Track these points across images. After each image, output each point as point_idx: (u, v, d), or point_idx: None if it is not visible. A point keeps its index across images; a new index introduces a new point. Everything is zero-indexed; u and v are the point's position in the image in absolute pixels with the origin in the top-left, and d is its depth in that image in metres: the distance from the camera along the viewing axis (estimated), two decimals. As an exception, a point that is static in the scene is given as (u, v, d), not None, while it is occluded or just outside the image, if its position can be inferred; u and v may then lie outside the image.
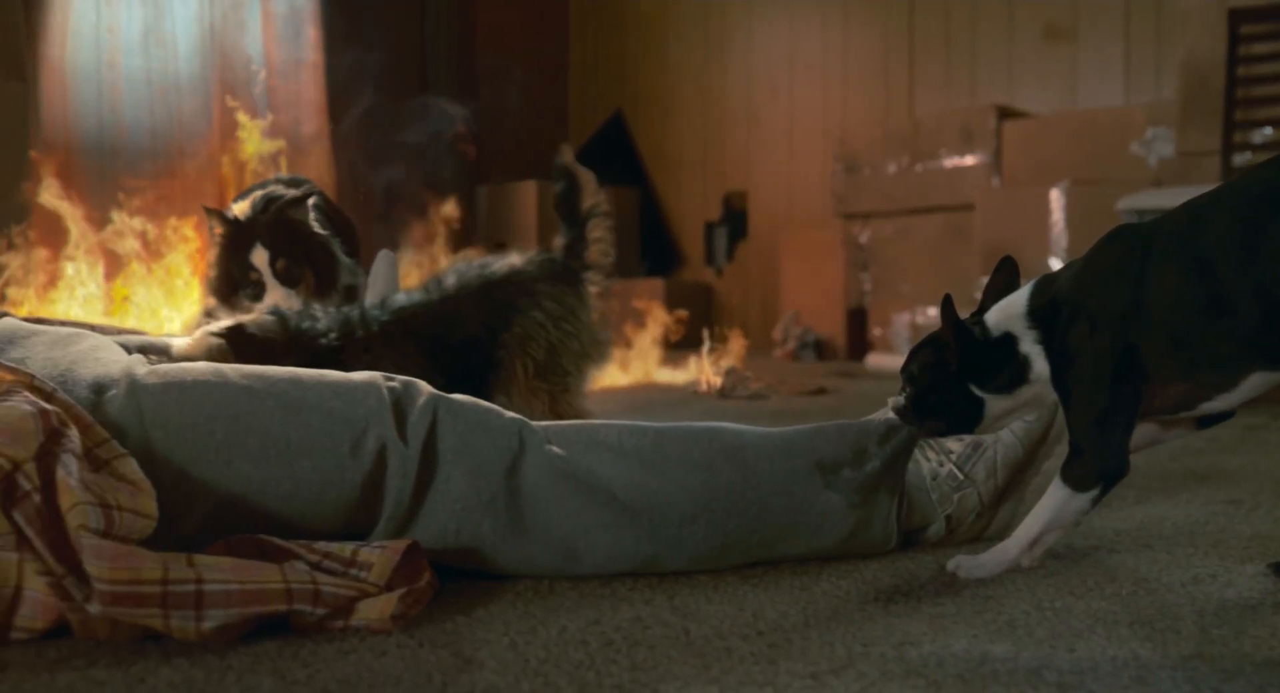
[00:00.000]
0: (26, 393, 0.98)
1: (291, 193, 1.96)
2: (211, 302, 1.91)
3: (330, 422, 1.09)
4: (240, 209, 1.97)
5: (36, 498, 0.89)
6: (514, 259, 1.67)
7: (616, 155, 6.77)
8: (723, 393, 3.29)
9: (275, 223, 1.88)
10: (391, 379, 1.16)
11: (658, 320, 4.17)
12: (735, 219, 6.19)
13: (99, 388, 1.07)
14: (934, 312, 4.61)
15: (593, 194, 1.73)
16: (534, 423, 1.18)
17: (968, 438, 1.28)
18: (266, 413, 1.08)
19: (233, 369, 1.13)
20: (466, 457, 1.11)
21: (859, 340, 4.98)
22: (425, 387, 1.17)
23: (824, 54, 5.75)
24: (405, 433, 1.10)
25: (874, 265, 4.85)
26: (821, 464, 1.20)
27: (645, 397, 3.35)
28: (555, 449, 1.15)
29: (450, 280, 1.64)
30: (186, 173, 4.49)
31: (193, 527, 1.03)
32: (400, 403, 1.13)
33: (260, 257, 1.85)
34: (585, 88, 7.14)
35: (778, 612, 1.04)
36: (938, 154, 4.54)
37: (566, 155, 1.77)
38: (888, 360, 4.50)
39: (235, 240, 1.88)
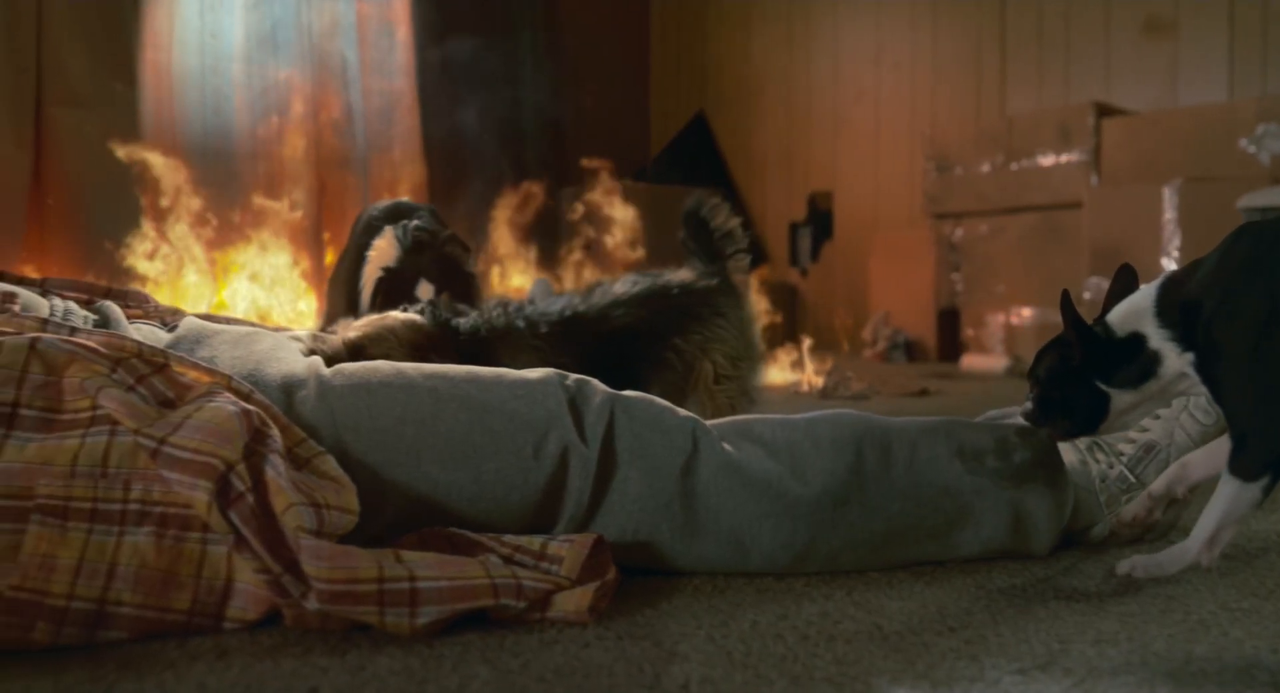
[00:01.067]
0: (228, 394, 1.01)
1: (445, 231, 2.05)
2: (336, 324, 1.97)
3: (513, 425, 1.10)
4: (384, 247, 2.02)
5: (250, 498, 0.92)
6: (685, 273, 1.70)
7: (699, 157, 6.77)
8: (825, 393, 3.28)
9: (440, 259, 1.95)
10: (565, 377, 1.18)
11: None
12: (820, 219, 6.16)
13: (288, 388, 1.10)
14: (1029, 312, 4.55)
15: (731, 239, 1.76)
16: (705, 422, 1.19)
17: (1140, 440, 1.28)
18: (451, 416, 1.10)
19: (414, 369, 1.16)
20: (643, 457, 1.13)
21: (950, 342, 4.93)
22: (599, 385, 1.18)
23: (913, 53, 5.70)
24: (584, 434, 1.12)
25: (966, 266, 4.80)
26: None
27: (746, 397, 3.35)
28: (726, 445, 1.16)
29: (616, 287, 1.66)
30: (286, 175, 4.58)
31: (382, 527, 1.05)
32: (575, 402, 1.15)
33: (426, 290, 1.92)
34: (666, 90, 7.15)
35: (961, 608, 1.04)
36: (1033, 153, 4.48)
37: (715, 209, 1.78)
38: (983, 362, 4.44)
39: (395, 284, 1.95)
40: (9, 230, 3.93)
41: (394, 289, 1.99)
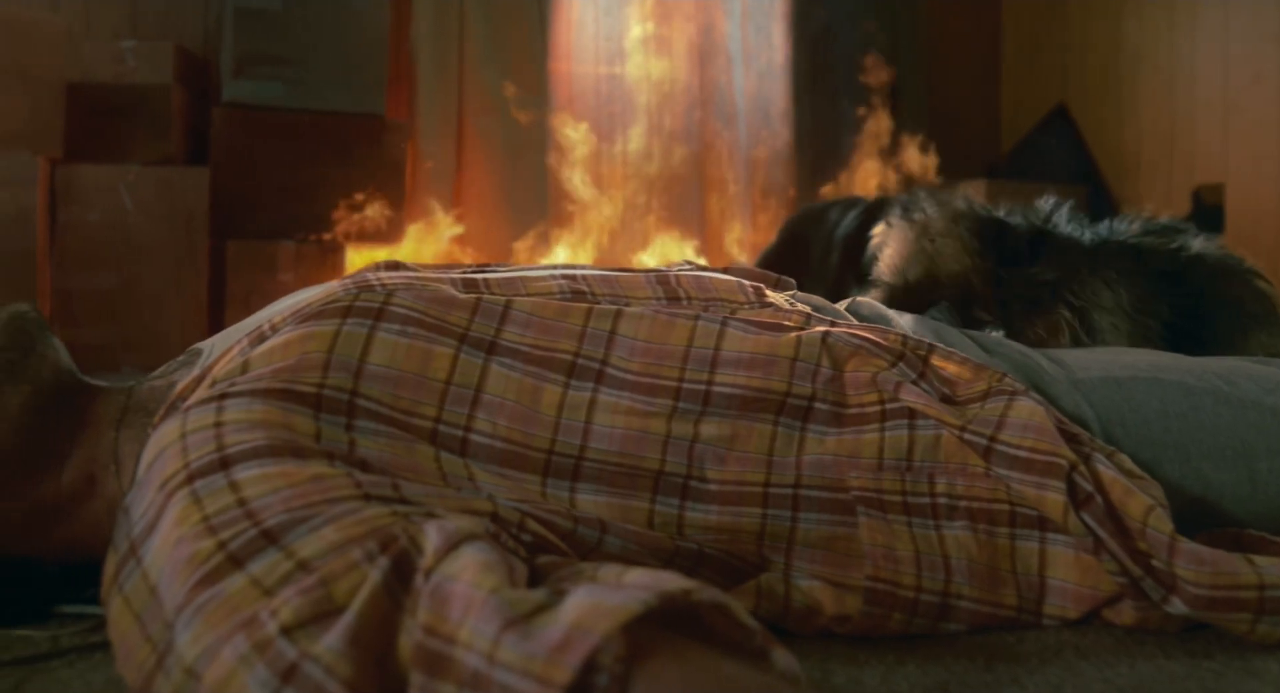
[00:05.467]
0: (1023, 394, 0.97)
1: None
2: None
3: (1276, 421, 1.03)
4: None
5: (1099, 499, 0.88)
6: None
7: (1060, 151, 6.46)
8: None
9: None
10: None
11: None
12: (1206, 214, 5.72)
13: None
14: None
15: None
16: None
17: None
18: (1211, 411, 1.04)
19: (1147, 363, 1.11)
20: None
21: (1385, 346, 4.45)
22: None
23: (1326, 29, 5.20)
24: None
25: None
26: None
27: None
28: None
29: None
30: (676, 176, 4.71)
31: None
32: None
33: None
34: (1020, 84, 6.86)
35: None
36: None
37: None
38: None
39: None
40: (435, 229, 4.23)
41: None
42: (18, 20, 3.14)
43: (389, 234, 3.92)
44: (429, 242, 4.21)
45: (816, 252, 2.57)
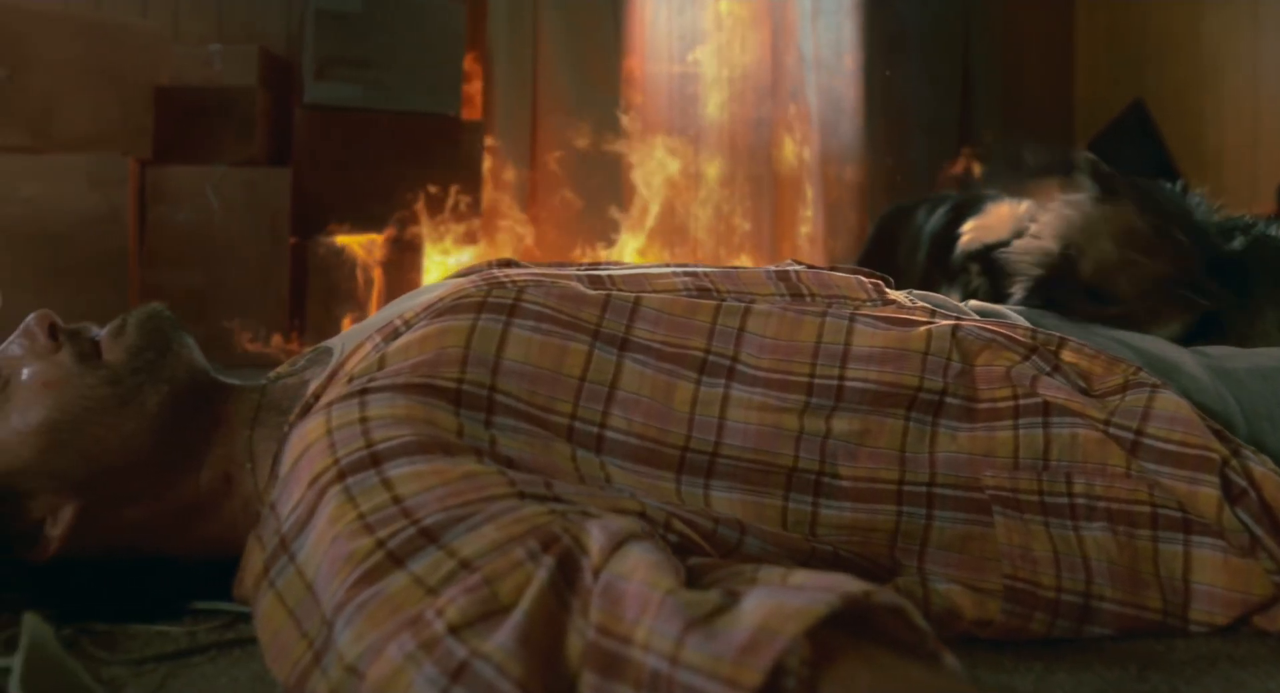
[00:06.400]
0: (1163, 387, 0.95)
1: None
2: None
3: None
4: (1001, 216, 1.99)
5: (1253, 495, 0.86)
6: None
7: (1136, 148, 6.33)
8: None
9: None
10: None
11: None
12: (1292, 212, 5.58)
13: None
14: None
15: None
16: None
17: None
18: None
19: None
20: None
21: None
22: None
23: None
24: None
25: None
26: None
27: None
28: None
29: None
30: (750, 174, 4.70)
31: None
32: None
33: None
34: (1094, 82, 6.73)
35: None
36: None
37: None
38: None
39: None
40: (512, 227, 4.26)
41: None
42: (110, 25, 3.20)
43: (466, 233, 3.95)
44: (507, 239, 4.24)
45: (904, 249, 2.55)
